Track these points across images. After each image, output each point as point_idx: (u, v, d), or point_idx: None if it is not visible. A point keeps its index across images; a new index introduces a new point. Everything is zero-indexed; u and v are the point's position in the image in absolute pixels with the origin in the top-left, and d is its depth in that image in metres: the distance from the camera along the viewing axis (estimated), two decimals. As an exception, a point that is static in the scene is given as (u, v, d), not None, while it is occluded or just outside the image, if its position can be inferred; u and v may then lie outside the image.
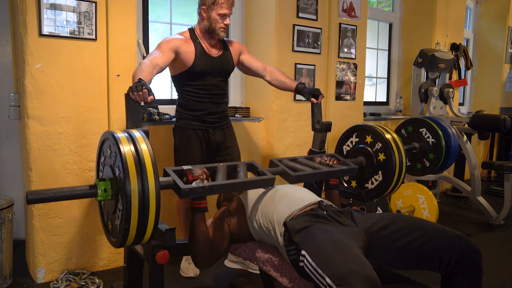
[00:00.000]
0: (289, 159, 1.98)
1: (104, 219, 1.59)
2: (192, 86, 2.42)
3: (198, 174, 1.57)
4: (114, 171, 1.42)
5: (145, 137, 1.45)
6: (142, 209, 1.32)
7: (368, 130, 2.21)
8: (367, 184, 2.21)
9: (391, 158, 2.09)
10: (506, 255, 3.00)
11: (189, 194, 1.52)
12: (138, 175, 1.33)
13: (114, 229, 1.48)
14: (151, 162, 1.37)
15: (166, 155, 2.70)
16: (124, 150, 1.36)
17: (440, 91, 4.06)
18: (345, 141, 2.33)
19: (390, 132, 2.16)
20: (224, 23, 2.36)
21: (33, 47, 2.25)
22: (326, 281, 1.26)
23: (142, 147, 1.39)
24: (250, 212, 1.73)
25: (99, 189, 1.42)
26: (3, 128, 2.81)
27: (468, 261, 1.42)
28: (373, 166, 2.17)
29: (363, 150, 2.21)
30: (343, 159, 2.07)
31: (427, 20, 4.46)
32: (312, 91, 2.38)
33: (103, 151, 1.54)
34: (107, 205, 1.53)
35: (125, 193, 1.31)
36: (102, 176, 1.54)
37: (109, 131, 1.46)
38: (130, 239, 1.38)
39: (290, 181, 1.84)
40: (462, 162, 4.45)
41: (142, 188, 1.32)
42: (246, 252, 1.75)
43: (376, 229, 1.56)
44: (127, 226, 1.33)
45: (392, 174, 2.10)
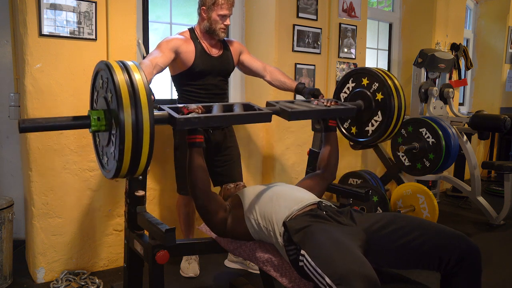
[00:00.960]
0: (286, 101, 1.95)
1: (99, 154, 1.57)
2: (192, 86, 2.42)
3: (193, 108, 1.58)
4: (107, 101, 1.39)
5: (139, 66, 1.43)
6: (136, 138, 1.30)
7: (364, 72, 2.18)
8: (367, 127, 2.18)
9: (389, 96, 2.06)
10: (506, 255, 3.00)
11: (184, 125, 1.49)
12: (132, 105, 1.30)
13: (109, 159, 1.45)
14: (145, 92, 1.34)
15: (166, 155, 2.70)
16: (117, 78, 1.33)
17: (440, 91, 4.05)
18: (341, 88, 2.29)
19: (386, 72, 2.13)
20: (224, 24, 2.37)
21: (33, 47, 2.25)
22: (325, 281, 1.26)
23: (135, 76, 1.37)
24: (247, 210, 1.72)
25: (92, 117, 1.39)
26: (3, 128, 2.81)
27: (467, 260, 1.42)
28: (372, 107, 2.14)
29: (361, 93, 2.18)
30: (341, 102, 2.04)
31: (427, 20, 4.46)
32: (312, 91, 2.38)
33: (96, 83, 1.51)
34: (101, 137, 1.50)
35: (119, 122, 1.28)
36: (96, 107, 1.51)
37: (103, 61, 1.44)
38: (124, 168, 1.36)
39: (286, 118, 1.81)
40: (462, 162, 4.44)
41: (136, 117, 1.30)
42: (246, 252, 1.75)
43: (376, 229, 1.56)
44: (121, 147, 1.31)
45: (391, 111, 2.07)
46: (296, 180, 3.28)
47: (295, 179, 3.29)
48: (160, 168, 2.79)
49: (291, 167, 3.33)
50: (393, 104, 2.06)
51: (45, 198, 2.37)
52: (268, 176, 3.29)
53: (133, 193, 1.76)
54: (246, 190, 1.83)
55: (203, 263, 2.68)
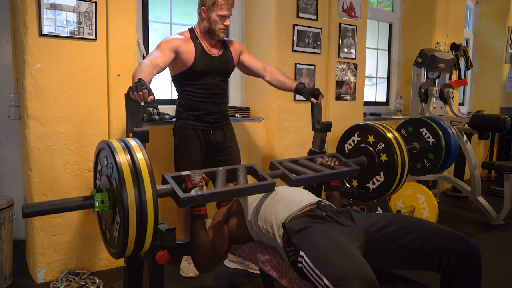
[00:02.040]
0: (290, 161, 1.96)
1: (102, 227, 1.58)
2: (192, 86, 2.42)
3: (197, 181, 1.55)
4: (111, 182, 1.40)
5: (141, 145, 1.43)
6: (140, 221, 1.31)
7: (371, 129, 2.18)
8: (369, 184, 2.20)
9: (394, 159, 2.06)
10: (506, 255, 3.00)
11: (188, 203, 1.50)
12: (135, 185, 1.31)
13: (112, 240, 1.47)
14: (148, 171, 1.35)
15: (166, 155, 2.70)
16: (120, 160, 1.34)
17: (440, 91, 4.05)
18: (346, 139, 2.31)
19: (392, 132, 2.13)
20: (224, 24, 2.36)
21: (33, 47, 2.25)
22: (324, 282, 1.26)
23: (138, 157, 1.37)
24: (249, 214, 1.73)
25: (96, 200, 1.41)
26: (3, 128, 2.81)
27: (467, 261, 1.42)
28: (375, 167, 2.15)
29: (365, 149, 2.19)
30: (344, 159, 2.05)
31: (427, 20, 4.46)
32: (312, 91, 2.38)
33: (99, 160, 1.52)
34: (105, 214, 1.52)
35: (123, 205, 1.29)
36: (100, 185, 1.53)
37: (105, 140, 1.45)
38: (129, 251, 1.37)
39: (290, 185, 1.83)
40: (462, 162, 4.45)
41: (140, 198, 1.30)
42: (246, 252, 1.75)
43: (376, 229, 1.55)
44: (125, 240, 1.32)
45: (394, 175, 2.08)
46: (296, 180, 3.28)
47: (295, 179, 3.28)
48: (160, 168, 2.79)
49: (291, 167, 3.33)
50: (397, 167, 2.06)
51: (45, 198, 2.37)
52: (268, 176, 3.28)
53: None
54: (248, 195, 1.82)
55: (203, 263, 2.67)
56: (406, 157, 2.09)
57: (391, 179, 2.10)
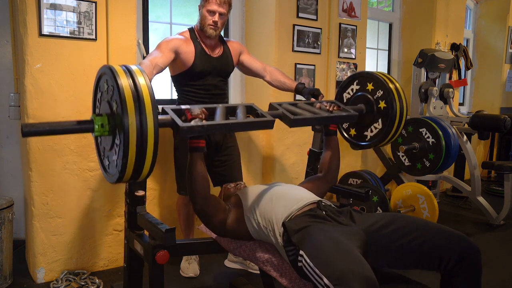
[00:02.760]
0: (289, 103, 1.94)
1: (101, 156, 1.56)
2: (192, 86, 2.42)
3: (197, 113, 1.56)
4: (111, 106, 1.37)
5: (143, 70, 1.42)
6: (140, 144, 1.29)
7: (370, 77, 2.15)
8: (366, 132, 2.18)
9: (392, 106, 2.04)
10: (506, 255, 3.00)
11: (187, 132, 1.49)
12: (136, 110, 1.28)
13: (111, 165, 1.45)
14: (150, 97, 1.33)
15: (166, 155, 2.70)
16: (122, 83, 1.31)
17: (440, 91, 4.05)
18: (345, 88, 2.27)
19: (392, 81, 2.11)
20: (212, 20, 2.34)
21: (33, 47, 2.25)
22: (323, 282, 1.26)
23: (140, 81, 1.35)
24: (248, 210, 1.72)
25: (96, 124, 1.38)
26: (3, 128, 2.81)
27: (468, 260, 1.42)
28: (373, 114, 2.13)
29: (364, 97, 2.17)
30: (343, 105, 2.03)
31: (427, 20, 4.46)
32: (312, 91, 2.37)
33: (99, 86, 1.50)
34: (104, 141, 1.49)
35: (123, 128, 1.27)
36: (99, 112, 1.50)
37: (107, 65, 1.42)
38: (128, 175, 1.35)
39: (289, 125, 1.81)
40: (462, 162, 4.45)
41: (141, 122, 1.28)
42: (246, 252, 1.75)
43: (376, 229, 1.55)
44: (124, 160, 1.30)
45: (392, 122, 2.06)
46: (296, 180, 3.28)
47: (295, 179, 3.29)
48: (160, 168, 2.79)
49: (291, 167, 3.33)
50: (395, 114, 2.05)
51: (45, 198, 2.37)
52: (268, 176, 3.29)
53: (133, 193, 1.76)
54: (246, 190, 1.83)
55: (203, 263, 2.68)
56: (404, 104, 2.07)
57: (389, 126, 2.07)
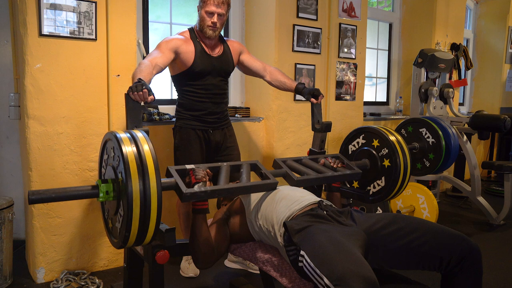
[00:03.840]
0: (293, 160, 1.96)
1: (105, 216, 1.59)
2: (192, 86, 2.42)
3: (201, 177, 1.56)
4: (116, 173, 1.42)
5: (147, 137, 1.45)
6: (143, 212, 1.33)
7: (377, 134, 2.19)
8: (369, 187, 2.21)
9: (396, 166, 2.08)
10: (506, 255, 3.00)
11: (191, 198, 1.52)
12: (140, 176, 1.33)
13: (114, 230, 1.48)
14: (153, 164, 1.37)
15: (166, 155, 2.70)
16: (126, 151, 1.35)
17: (440, 91, 4.05)
18: (351, 140, 2.32)
19: (398, 140, 2.14)
20: (211, 21, 2.34)
21: (33, 47, 2.25)
22: (324, 281, 1.26)
23: (144, 148, 1.39)
24: (250, 213, 1.73)
25: (101, 191, 1.43)
26: (3, 128, 2.81)
27: (468, 261, 1.42)
28: (377, 171, 2.16)
29: (369, 153, 2.20)
30: (347, 161, 2.05)
31: (427, 20, 4.46)
32: (312, 91, 2.37)
33: (106, 150, 1.54)
34: (109, 204, 1.53)
35: (127, 195, 1.31)
36: (104, 175, 1.54)
37: (112, 131, 1.47)
38: (131, 242, 1.38)
39: (292, 185, 1.84)
40: (462, 162, 4.45)
41: (144, 189, 1.32)
42: (246, 252, 1.75)
43: (376, 229, 1.56)
44: (127, 234, 1.34)
45: (395, 182, 2.09)
46: (296, 180, 3.28)
47: (295, 179, 3.28)
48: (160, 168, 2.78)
49: (291, 167, 3.33)
50: (398, 175, 2.07)
51: (45, 198, 2.37)
52: (268, 176, 3.28)
53: None
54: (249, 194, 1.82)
55: (203, 263, 2.67)
56: (409, 165, 2.10)
57: (392, 186, 2.11)
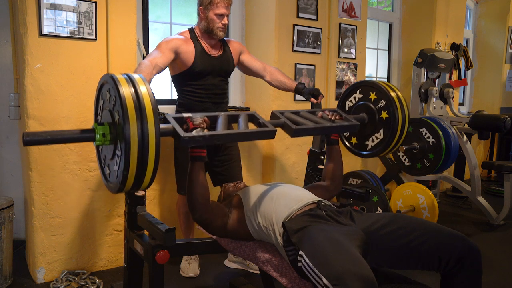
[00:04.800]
0: (291, 112, 1.94)
1: (102, 164, 1.56)
2: (192, 86, 2.42)
3: (199, 123, 1.56)
4: (113, 116, 1.37)
5: (145, 79, 1.41)
6: (141, 154, 1.30)
7: (373, 86, 2.15)
8: (368, 142, 2.18)
9: (394, 117, 2.05)
10: (506, 255, 3.00)
11: (189, 143, 1.50)
12: (138, 119, 1.29)
13: (112, 174, 1.45)
14: (152, 106, 1.33)
15: (166, 155, 2.70)
16: (123, 92, 1.31)
17: (440, 91, 4.05)
18: (348, 96, 2.28)
19: (395, 91, 2.12)
20: (222, 23, 2.36)
21: (33, 47, 2.25)
22: (322, 281, 1.26)
23: (141, 90, 1.35)
24: (248, 210, 1.72)
25: (97, 133, 1.39)
26: (3, 128, 2.81)
27: (467, 261, 1.42)
28: (375, 124, 2.13)
29: (366, 106, 2.17)
30: (345, 114, 2.03)
31: (427, 20, 4.46)
32: (312, 91, 2.38)
33: (101, 94, 1.50)
34: (105, 150, 1.50)
35: (124, 138, 1.27)
36: (101, 120, 1.50)
37: (108, 73, 1.43)
38: (129, 185, 1.35)
39: (290, 134, 1.81)
40: (462, 162, 4.44)
41: (142, 132, 1.29)
42: (246, 252, 1.75)
43: (375, 228, 1.55)
44: (125, 172, 1.30)
45: (394, 133, 2.06)
46: (296, 180, 3.28)
47: (295, 179, 3.29)
48: (160, 168, 2.78)
49: (291, 167, 3.33)
50: (397, 125, 2.05)
51: (45, 198, 2.37)
52: (268, 176, 3.29)
53: (133, 193, 1.76)
54: (247, 190, 1.82)
55: (203, 263, 2.68)
56: (406, 115, 2.07)
57: (391, 137, 2.08)
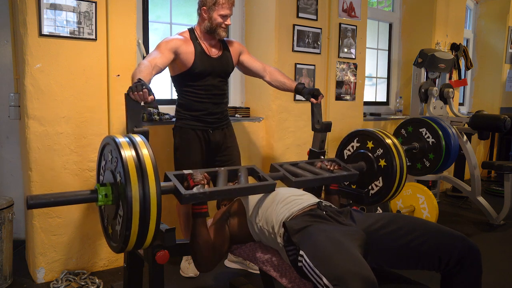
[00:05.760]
0: (290, 164, 1.98)
1: (104, 223, 1.59)
2: (192, 86, 2.42)
3: (199, 180, 1.57)
4: (115, 176, 1.41)
5: (146, 141, 1.45)
6: (143, 215, 1.32)
7: (370, 135, 2.20)
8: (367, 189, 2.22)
9: (392, 164, 2.09)
10: (506, 255, 3.00)
11: (190, 200, 1.53)
12: (139, 180, 1.32)
13: (114, 234, 1.48)
14: (152, 167, 1.37)
15: (166, 155, 2.70)
16: (125, 155, 1.35)
17: (440, 91, 4.05)
18: (346, 145, 2.33)
19: (391, 138, 2.16)
20: (225, 24, 2.37)
21: (33, 47, 2.25)
22: (323, 281, 1.26)
23: (143, 152, 1.39)
24: (250, 214, 1.73)
25: (99, 194, 1.42)
26: (3, 128, 2.81)
27: (467, 261, 1.42)
28: (373, 172, 2.17)
29: (364, 155, 2.22)
30: (343, 164, 2.07)
31: (427, 20, 4.46)
32: (312, 91, 2.38)
33: (104, 155, 1.54)
34: (108, 209, 1.53)
35: (126, 198, 1.30)
36: (103, 180, 1.54)
37: (110, 136, 1.47)
38: (131, 245, 1.38)
39: (290, 187, 1.84)
40: (462, 162, 4.45)
41: (143, 193, 1.32)
42: (246, 252, 1.75)
43: (376, 228, 1.56)
44: (127, 233, 1.33)
45: (392, 180, 2.10)
46: (296, 180, 3.28)
47: (295, 179, 3.28)
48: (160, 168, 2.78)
49: (291, 167, 3.33)
50: (395, 173, 2.08)
51: (45, 198, 2.37)
52: (268, 176, 3.28)
53: None
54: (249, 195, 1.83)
55: (203, 263, 2.67)
56: (404, 162, 2.12)
57: (390, 184, 2.12)
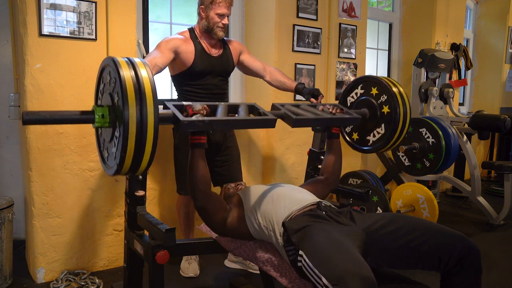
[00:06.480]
0: (292, 104, 1.93)
1: (101, 147, 1.56)
2: (192, 86, 2.42)
3: (198, 109, 1.56)
4: (113, 98, 1.38)
5: (146, 63, 1.42)
6: (139, 136, 1.29)
7: (374, 82, 2.14)
8: (369, 137, 2.17)
9: (396, 111, 2.03)
10: (506, 255, 3.00)
11: (188, 127, 1.49)
12: (137, 101, 1.29)
13: (110, 157, 1.45)
14: (151, 90, 1.33)
15: (166, 155, 2.70)
16: (124, 75, 1.32)
17: (440, 91, 4.05)
18: (349, 92, 2.27)
19: (397, 86, 2.10)
20: (222, 23, 2.36)
21: (33, 47, 2.25)
22: (322, 281, 1.26)
23: (142, 73, 1.35)
24: (249, 210, 1.72)
25: (96, 114, 1.39)
26: (3, 128, 2.81)
27: (467, 261, 1.42)
28: (376, 119, 2.12)
29: (368, 101, 2.16)
30: (346, 109, 2.02)
31: (427, 20, 4.46)
32: (312, 91, 2.38)
33: (102, 78, 1.50)
34: (104, 133, 1.50)
35: (123, 119, 1.27)
36: (101, 103, 1.50)
37: (110, 56, 1.43)
38: (126, 167, 1.35)
39: (290, 124, 1.80)
40: (462, 162, 4.44)
41: (141, 115, 1.29)
42: (246, 252, 1.75)
43: (376, 228, 1.55)
44: (123, 154, 1.30)
45: (395, 128, 2.05)
46: (296, 180, 3.28)
47: (295, 179, 3.29)
48: (160, 168, 2.79)
49: (291, 167, 3.33)
50: (398, 119, 2.04)
51: (45, 198, 2.37)
52: (268, 176, 3.29)
53: (133, 193, 1.76)
54: (247, 189, 1.83)
55: (203, 263, 2.68)
56: (408, 109, 2.06)
57: (392, 132, 2.06)
